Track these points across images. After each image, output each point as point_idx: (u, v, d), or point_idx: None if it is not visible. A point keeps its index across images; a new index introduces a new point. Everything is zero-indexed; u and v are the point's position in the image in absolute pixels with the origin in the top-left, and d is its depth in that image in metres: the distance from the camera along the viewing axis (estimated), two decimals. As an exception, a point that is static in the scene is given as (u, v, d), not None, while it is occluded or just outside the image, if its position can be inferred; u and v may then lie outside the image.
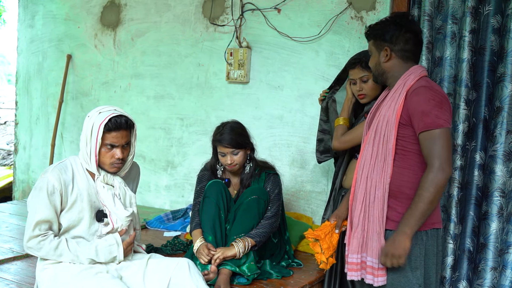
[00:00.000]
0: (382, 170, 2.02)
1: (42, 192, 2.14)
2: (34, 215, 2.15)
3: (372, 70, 2.18)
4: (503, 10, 2.68)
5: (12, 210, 3.97)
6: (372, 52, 2.16)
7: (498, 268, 2.72)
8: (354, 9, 3.33)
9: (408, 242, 1.94)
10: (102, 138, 2.15)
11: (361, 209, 2.07)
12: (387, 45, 2.08)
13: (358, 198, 2.09)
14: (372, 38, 2.15)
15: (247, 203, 2.65)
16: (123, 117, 2.19)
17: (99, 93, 4.57)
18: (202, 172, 2.88)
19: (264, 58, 3.69)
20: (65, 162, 2.26)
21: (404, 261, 1.96)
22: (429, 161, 1.94)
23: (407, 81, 2.03)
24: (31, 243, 2.15)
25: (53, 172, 2.17)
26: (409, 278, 2.02)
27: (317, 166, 3.50)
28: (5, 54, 18.61)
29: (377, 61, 2.13)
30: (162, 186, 4.26)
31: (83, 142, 2.21)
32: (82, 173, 2.24)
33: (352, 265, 2.09)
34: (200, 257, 2.51)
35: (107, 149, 2.18)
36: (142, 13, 4.29)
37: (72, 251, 2.17)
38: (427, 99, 1.95)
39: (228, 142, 2.67)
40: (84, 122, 2.22)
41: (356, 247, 2.07)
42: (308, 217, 3.51)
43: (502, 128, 2.68)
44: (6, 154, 7.74)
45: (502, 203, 2.69)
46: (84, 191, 2.21)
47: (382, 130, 2.04)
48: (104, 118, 2.14)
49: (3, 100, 10.20)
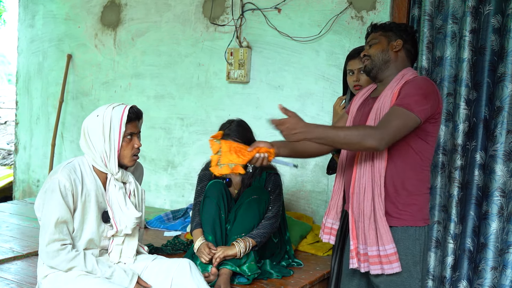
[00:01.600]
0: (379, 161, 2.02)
1: (55, 193, 2.10)
2: (50, 217, 2.10)
3: (374, 56, 2.13)
4: (503, 9, 2.69)
5: (12, 210, 3.97)
6: (379, 40, 2.13)
7: (499, 268, 2.72)
8: (355, 9, 3.33)
9: (299, 132, 1.93)
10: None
11: (371, 200, 2.03)
12: (399, 39, 2.11)
13: (366, 189, 2.04)
14: (382, 30, 2.15)
15: (247, 203, 2.65)
16: (135, 106, 2.24)
17: (99, 93, 4.58)
18: (203, 172, 2.88)
19: (264, 58, 3.69)
20: (73, 162, 2.23)
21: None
22: (379, 123, 1.94)
23: (405, 75, 2.06)
24: (51, 247, 2.10)
25: (62, 172, 2.14)
26: (412, 273, 2.02)
27: (317, 166, 3.50)
28: (5, 54, 18.60)
29: (384, 48, 2.12)
30: (162, 186, 4.26)
31: (97, 142, 2.17)
32: (90, 173, 2.23)
33: (373, 258, 2.03)
34: (201, 256, 2.51)
35: (127, 141, 2.19)
36: (142, 13, 4.29)
37: (88, 267, 2.14)
38: (419, 86, 1.98)
39: (237, 135, 2.67)
40: (91, 123, 2.19)
41: (374, 239, 2.03)
42: (309, 217, 3.51)
43: (503, 128, 2.68)
44: (6, 154, 7.75)
45: (502, 202, 2.70)
46: (92, 191, 2.20)
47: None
48: (123, 110, 2.17)
49: (3, 100, 10.20)
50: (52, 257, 2.11)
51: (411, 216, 2.03)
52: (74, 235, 2.18)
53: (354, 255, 2.09)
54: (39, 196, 2.18)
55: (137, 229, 2.33)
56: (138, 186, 2.34)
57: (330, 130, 1.95)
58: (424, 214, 2.07)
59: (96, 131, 2.17)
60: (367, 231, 2.04)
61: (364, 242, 2.06)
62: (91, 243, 2.22)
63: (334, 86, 3.41)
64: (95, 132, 2.17)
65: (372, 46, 2.16)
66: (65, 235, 2.13)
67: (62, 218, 2.11)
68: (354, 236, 2.10)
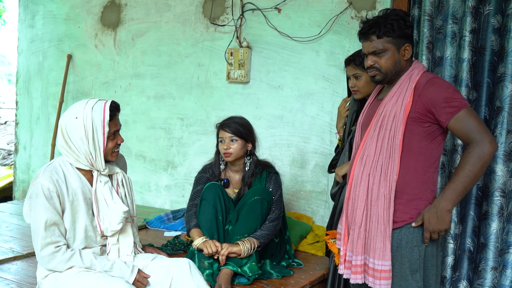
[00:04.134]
0: (388, 167, 1.97)
1: (39, 197, 2.08)
2: (39, 222, 2.08)
3: (386, 69, 2.04)
4: (503, 10, 2.68)
5: (13, 210, 3.97)
6: (388, 50, 2.03)
7: (499, 268, 2.72)
8: (355, 9, 3.33)
9: (450, 216, 1.96)
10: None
11: (364, 208, 2.01)
12: (408, 42, 2.05)
13: (359, 196, 2.02)
14: (386, 35, 2.02)
15: (250, 203, 2.66)
16: (112, 101, 2.21)
17: (100, 93, 4.57)
18: (200, 174, 2.88)
19: (265, 58, 3.69)
20: (53, 163, 2.20)
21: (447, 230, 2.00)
22: (471, 138, 1.93)
23: (412, 76, 2.01)
24: (45, 251, 2.09)
25: (44, 175, 2.12)
26: (409, 281, 1.99)
27: (317, 166, 3.50)
28: (5, 54, 18.62)
29: (397, 60, 2.03)
30: (163, 186, 4.26)
31: (81, 144, 2.13)
32: (73, 172, 2.20)
33: (357, 267, 2.03)
34: (206, 246, 2.50)
35: (111, 139, 2.18)
36: (142, 13, 4.29)
37: (86, 263, 2.14)
38: (446, 87, 1.96)
39: (229, 127, 2.73)
40: (70, 125, 2.13)
41: (360, 249, 2.02)
42: (309, 217, 3.51)
43: (503, 128, 2.68)
44: (7, 154, 7.75)
45: (502, 203, 2.69)
46: (78, 189, 2.19)
47: (388, 125, 1.99)
48: (103, 110, 2.13)
49: (4, 100, 10.20)
50: (48, 260, 2.11)
51: (411, 218, 2.00)
52: (68, 236, 2.16)
53: (343, 261, 2.09)
54: (26, 203, 2.16)
55: (129, 226, 2.31)
56: (124, 175, 2.35)
57: (457, 187, 1.94)
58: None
59: (77, 134, 2.13)
60: (355, 240, 2.03)
61: (351, 250, 2.05)
62: (88, 240, 2.22)
63: (334, 86, 3.41)
64: (77, 134, 2.13)
65: (380, 56, 2.04)
66: (57, 237, 2.12)
67: (50, 221, 2.09)
68: (345, 241, 2.09)
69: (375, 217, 1.99)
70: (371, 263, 2.00)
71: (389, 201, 1.97)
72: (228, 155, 2.73)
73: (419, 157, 1.98)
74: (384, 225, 1.97)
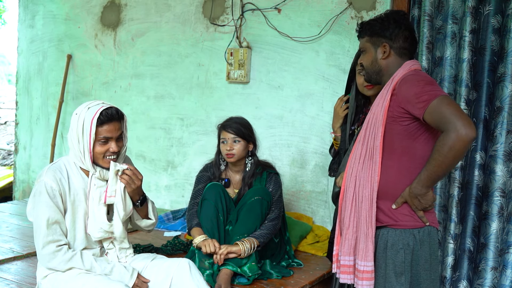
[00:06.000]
0: (370, 168, 1.97)
1: (42, 195, 2.10)
2: (41, 219, 2.09)
3: (366, 68, 2.10)
4: (503, 10, 2.69)
5: (12, 210, 3.97)
6: (367, 49, 2.09)
7: (499, 268, 2.72)
8: (355, 9, 3.33)
9: (430, 193, 1.93)
10: (95, 133, 2.11)
11: (351, 209, 2.02)
12: (386, 42, 2.03)
13: (347, 198, 2.04)
14: (368, 35, 2.08)
15: (250, 203, 2.66)
16: (113, 108, 2.17)
17: (100, 93, 4.57)
18: (201, 173, 2.88)
19: (264, 58, 3.69)
20: (58, 162, 2.23)
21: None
22: (443, 127, 1.79)
23: (395, 77, 1.99)
24: (46, 249, 2.10)
25: (48, 174, 2.14)
26: (393, 284, 1.96)
27: (317, 166, 3.50)
28: (5, 54, 18.60)
29: (373, 58, 2.06)
30: (162, 186, 4.26)
31: (74, 140, 2.17)
32: (76, 172, 2.22)
33: (344, 267, 2.05)
34: (205, 245, 2.50)
35: (101, 144, 2.15)
36: (142, 13, 4.29)
37: (86, 265, 2.14)
38: (417, 81, 1.89)
39: (231, 128, 2.73)
40: (71, 120, 2.18)
41: (348, 249, 2.03)
42: (309, 217, 3.51)
43: (503, 128, 2.68)
44: (6, 154, 7.74)
45: (502, 203, 2.70)
46: (80, 190, 2.20)
47: (370, 127, 2.00)
48: (95, 112, 2.11)
49: (3, 100, 10.20)
50: (49, 259, 2.11)
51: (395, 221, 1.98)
52: (68, 236, 2.17)
53: (335, 260, 2.11)
54: (29, 201, 2.18)
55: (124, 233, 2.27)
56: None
57: (427, 173, 1.88)
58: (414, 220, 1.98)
59: (73, 129, 2.17)
60: (344, 240, 2.05)
61: (341, 250, 2.07)
62: (88, 240, 2.22)
63: (334, 86, 3.41)
64: (72, 130, 2.18)
65: (363, 55, 2.11)
66: (59, 236, 2.12)
67: (52, 219, 2.10)
68: (337, 242, 2.11)
69: (361, 218, 2.00)
70: (357, 264, 2.02)
71: (371, 202, 1.97)
72: (231, 156, 2.73)
73: (402, 157, 1.96)
74: (367, 226, 1.98)
